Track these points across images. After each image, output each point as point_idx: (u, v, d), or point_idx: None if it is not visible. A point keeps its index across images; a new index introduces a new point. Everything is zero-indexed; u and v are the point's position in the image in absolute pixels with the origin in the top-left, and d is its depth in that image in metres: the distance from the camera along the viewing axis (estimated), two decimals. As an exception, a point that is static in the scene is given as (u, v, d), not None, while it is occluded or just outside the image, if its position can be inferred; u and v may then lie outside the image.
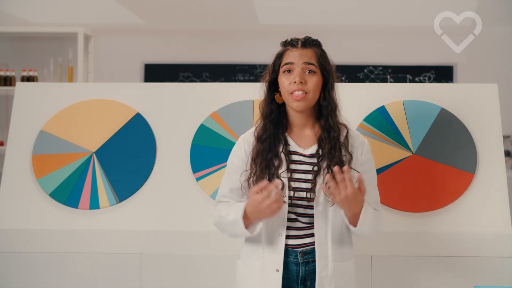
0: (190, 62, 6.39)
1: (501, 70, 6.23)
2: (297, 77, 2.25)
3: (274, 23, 6.18)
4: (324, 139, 2.28)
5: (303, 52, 2.29)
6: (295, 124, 2.34)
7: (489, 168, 2.91)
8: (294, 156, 2.30)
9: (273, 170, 2.27)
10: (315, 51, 2.31)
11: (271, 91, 2.35)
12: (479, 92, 3.03)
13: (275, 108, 2.34)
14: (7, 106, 6.03)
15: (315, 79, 2.28)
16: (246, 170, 2.32)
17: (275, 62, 2.34)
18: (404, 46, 6.42)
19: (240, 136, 2.40)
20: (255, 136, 2.34)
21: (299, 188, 2.27)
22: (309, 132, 2.33)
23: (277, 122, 2.33)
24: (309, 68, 2.28)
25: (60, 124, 3.08)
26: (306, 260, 2.27)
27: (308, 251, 2.27)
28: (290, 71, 2.28)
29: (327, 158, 2.26)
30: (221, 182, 2.40)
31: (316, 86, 2.28)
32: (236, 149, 2.38)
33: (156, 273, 2.88)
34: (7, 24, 6.01)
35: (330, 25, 6.24)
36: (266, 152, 2.29)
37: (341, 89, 2.41)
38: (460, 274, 2.80)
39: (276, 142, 2.30)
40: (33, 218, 2.95)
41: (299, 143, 2.32)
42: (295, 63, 2.28)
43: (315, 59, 2.29)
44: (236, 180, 2.34)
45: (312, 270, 2.26)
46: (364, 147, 2.35)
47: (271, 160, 2.28)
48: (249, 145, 2.34)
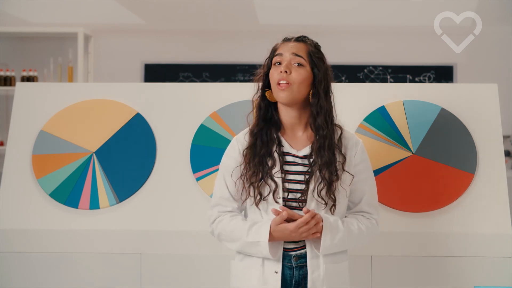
0: (190, 62, 6.39)
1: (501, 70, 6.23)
2: (283, 67, 2.25)
3: (274, 23, 6.19)
4: (314, 138, 2.27)
5: (294, 45, 2.28)
6: (287, 124, 2.32)
7: (489, 168, 2.91)
8: (288, 157, 2.29)
9: (266, 168, 2.26)
10: (308, 47, 2.29)
11: (263, 86, 2.34)
12: (479, 92, 3.03)
13: (265, 104, 2.32)
14: (7, 106, 6.03)
15: (302, 72, 2.25)
16: (239, 166, 2.30)
17: (269, 57, 2.34)
18: (404, 46, 6.43)
19: (233, 138, 2.40)
20: (248, 132, 2.33)
21: (293, 189, 2.26)
22: (301, 134, 2.32)
23: (270, 119, 2.32)
24: (297, 61, 2.26)
25: (60, 124, 3.08)
26: (300, 265, 2.26)
27: (301, 255, 2.26)
28: (280, 63, 2.28)
29: (315, 156, 2.25)
30: (216, 185, 2.38)
31: (301, 79, 2.25)
32: (229, 150, 2.37)
33: (156, 273, 2.88)
34: (7, 24, 6.01)
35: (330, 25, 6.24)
36: (259, 146, 2.28)
37: (341, 89, 2.41)
38: (460, 274, 2.80)
39: (268, 138, 2.29)
40: (33, 218, 2.95)
41: (292, 144, 2.31)
42: (283, 54, 2.27)
43: (305, 53, 2.27)
44: (231, 181, 2.32)
45: (305, 274, 2.25)
46: (358, 148, 2.33)
47: (264, 157, 2.27)
48: (243, 145, 2.33)
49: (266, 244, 2.20)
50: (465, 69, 6.36)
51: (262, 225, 2.23)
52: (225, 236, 2.31)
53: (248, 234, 2.24)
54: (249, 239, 2.23)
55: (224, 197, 2.34)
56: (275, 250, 2.24)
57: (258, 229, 2.23)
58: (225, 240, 2.32)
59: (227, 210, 2.34)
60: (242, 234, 2.25)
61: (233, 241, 2.29)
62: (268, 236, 2.20)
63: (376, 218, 2.36)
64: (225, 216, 2.32)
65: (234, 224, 2.28)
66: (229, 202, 2.34)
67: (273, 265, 2.25)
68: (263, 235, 2.21)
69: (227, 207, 2.34)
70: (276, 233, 2.20)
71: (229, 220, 2.30)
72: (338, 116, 2.34)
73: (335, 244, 2.22)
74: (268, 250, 2.21)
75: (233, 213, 2.33)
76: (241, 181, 2.30)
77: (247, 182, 2.27)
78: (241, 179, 2.29)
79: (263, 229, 2.22)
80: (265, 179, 2.25)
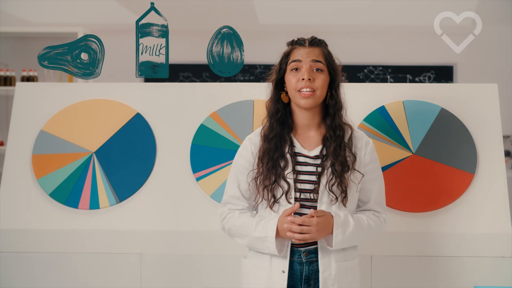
0: (190, 62, 6.39)
1: (501, 70, 6.24)
2: (305, 74, 2.26)
3: (274, 23, 6.18)
4: (330, 138, 2.29)
5: (310, 50, 2.30)
6: (300, 124, 2.34)
7: (489, 168, 2.91)
8: (299, 158, 2.31)
9: (279, 171, 2.28)
10: (322, 50, 2.32)
11: (277, 90, 2.36)
12: (479, 92, 3.03)
13: (281, 107, 2.34)
14: (7, 106, 6.03)
15: (323, 77, 2.29)
16: (253, 170, 2.32)
17: (282, 61, 2.34)
18: (404, 46, 6.43)
19: (246, 137, 2.41)
20: (261, 136, 2.34)
21: (304, 190, 2.28)
22: (314, 133, 2.34)
23: (283, 121, 2.34)
24: (317, 66, 2.29)
25: (60, 124, 3.08)
26: (309, 260, 2.27)
27: (311, 251, 2.27)
28: (297, 69, 2.29)
29: (331, 157, 2.27)
30: (227, 183, 2.40)
31: (323, 84, 2.29)
32: (242, 150, 2.39)
33: (156, 273, 2.88)
34: (7, 24, 6.01)
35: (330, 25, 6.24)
36: (272, 151, 2.29)
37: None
38: (460, 274, 2.80)
39: (282, 142, 2.31)
40: (33, 218, 2.95)
41: (304, 145, 2.33)
42: (303, 61, 2.28)
43: (322, 57, 2.30)
44: (243, 181, 2.35)
45: (315, 269, 2.27)
46: (368, 148, 2.35)
47: (277, 160, 2.29)
48: (256, 146, 2.35)
49: (273, 239, 2.21)
50: (465, 69, 6.37)
51: (269, 220, 2.26)
52: (235, 232, 2.33)
53: (255, 230, 2.26)
54: (257, 234, 2.25)
55: (235, 196, 2.36)
56: (282, 246, 2.26)
57: (265, 224, 2.25)
58: (235, 235, 2.34)
59: (238, 209, 2.37)
60: (250, 229, 2.27)
61: (242, 236, 2.31)
62: (275, 231, 2.22)
63: (384, 217, 2.38)
64: (235, 212, 2.35)
65: (243, 219, 2.31)
66: (240, 201, 2.36)
67: (280, 264, 2.26)
68: (270, 230, 2.23)
69: (238, 206, 2.37)
70: (280, 230, 2.22)
71: (239, 216, 2.33)
72: None
73: (346, 238, 2.23)
74: (275, 246, 2.22)
75: (243, 210, 2.36)
76: (254, 184, 2.32)
77: (261, 185, 2.29)
78: (254, 181, 2.31)
79: (270, 224, 2.24)
80: (278, 181, 2.27)
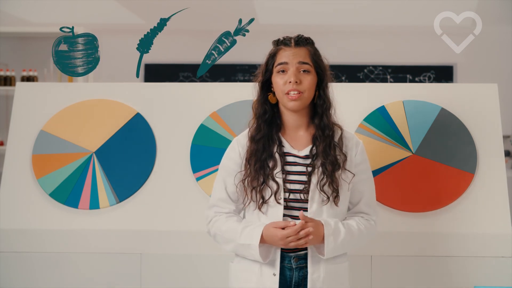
0: (190, 62, 6.39)
1: (501, 70, 6.24)
2: (292, 77, 2.23)
3: (274, 23, 6.18)
4: (319, 138, 2.27)
5: (297, 51, 2.27)
6: (289, 125, 2.32)
7: (489, 168, 2.91)
8: (289, 158, 2.28)
9: (268, 171, 2.25)
10: (309, 50, 2.29)
11: (264, 91, 2.33)
12: (479, 92, 3.03)
13: (268, 109, 2.31)
14: (7, 106, 6.03)
15: (310, 78, 2.26)
16: (240, 171, 2.30)
17: (268, 62, 2.32)
18: (404, 46, 6.43)
19: (234, 139, 2.39)
20: (248, 137, 2.32)
21: (294, 190, 2.25)
22: (303, 133, 2.32)
23: (271, 122, 2.31)
24: (303, 68, 2.26)
25: (60, 124, 3.08)
26: (299, 266, 2.25)
27: (301, 256, 2.25)
28: (284, 71, 2.26)
29: (321, 157, 2.25)
30: (214, 185, 2.37)
31: (311, 85, 2.26)
32: (230, 152, 2.36)
33: (156, 273, 2.88)
34: (7, 24, 6.01)
35: (330, 25, 6.24)
36: (260, 152, 2.27)
37: (341, 89, 2.41)
38: (460, 274, 2.80)
39: (270, 142, 2.28)
40: (33, 218, 2.95)
41: (293, 145, 2.30)
42: (289, 63, 2.26)
43: (309, 58, 2.27)
44: (230, 183, 2.32)
45: (305, 275, 2.25)
46: (359, 148, 2.33)
47: (265, 161, 2.26)
48: (243, 147, 2.32)
49: (257, 248, 2.19)
50: (465, 69, 6.37)
51: (255, 228, 2.22)
52: (220, 237, 2.30)
53: (241, 236, 2.23)
54: (242, 241, 2.23)
55: (222, 198, 2.34)
56: (267, 253, 2.23)
57: (251, 231, 2.22)
58: (220, 241, 2.31)
59: (224, 212, 2.34)
60: (236, 236, 2.24)
61: (227, 242, 2.28)
62: (259, 239, 2.19)
63: (374, 219, 2.35)
64: (221, 216, 2.32)
65: (229, 225, 2.28)
66: (227, 203, 2.33)
67: (270, 268, 2.24)
68: (254, 238, 2.20)
69: (224, 209, 2.34)
70: (267, 237, 2.20)
71: (225, 220, 2.30)
72: (338, 116, 2.34)
73: (338, 246, 2.22)
74: (259, 254, 2.20)
75: (230, 214, 2.33)
76: (241, 186, 2.29)
77: (249, 187, 2.27)
78: (242, 183, 2.29)
79: (255, 232, 2.21)
80: (267, 181, 2.24)
